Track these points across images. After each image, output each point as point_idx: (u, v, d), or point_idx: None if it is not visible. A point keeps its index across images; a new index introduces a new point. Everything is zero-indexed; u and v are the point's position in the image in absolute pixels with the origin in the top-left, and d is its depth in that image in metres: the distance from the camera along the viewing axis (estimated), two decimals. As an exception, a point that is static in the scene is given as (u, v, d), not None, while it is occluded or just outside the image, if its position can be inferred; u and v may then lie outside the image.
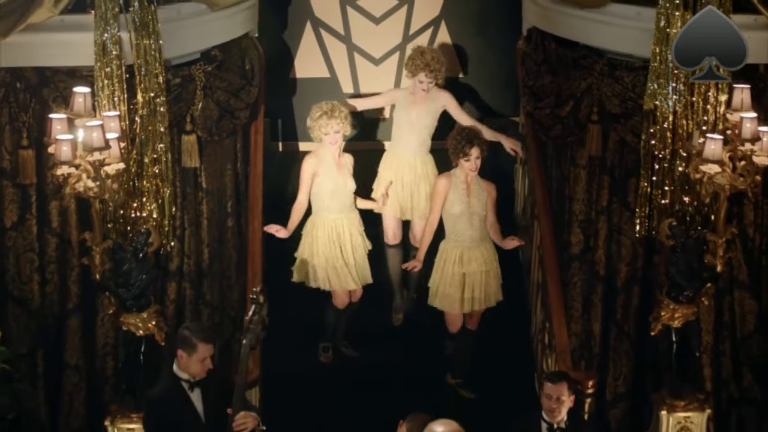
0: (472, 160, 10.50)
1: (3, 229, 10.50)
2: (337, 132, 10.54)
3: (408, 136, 11.24)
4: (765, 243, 10.91)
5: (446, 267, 10.83)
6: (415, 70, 11.11)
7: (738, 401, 11.02)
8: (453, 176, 10.70)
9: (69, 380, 10.68)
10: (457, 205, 10.66)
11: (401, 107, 11.30)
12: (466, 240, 10.77)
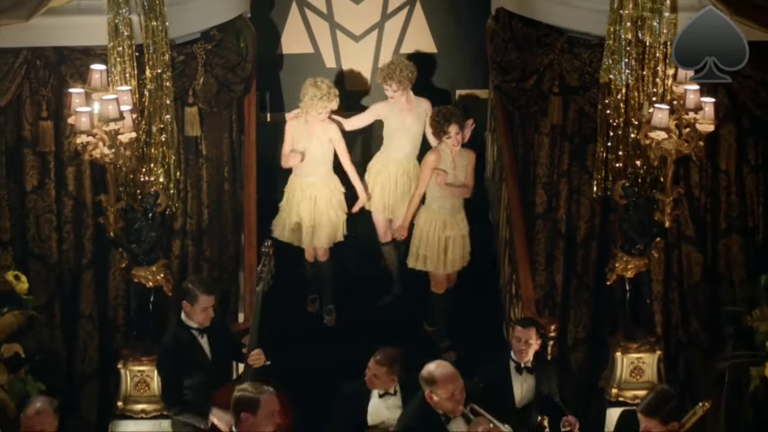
0: (452, 136, 11.02)
1: (24, 192, 11.14)
2: (328, 111, 11.21)
3: (401, 141, 11.74)
4: (709, 202, 11.56)
5: (430, 232, 11.34)
6: (386, 77, 11.59)
7: (685, 345, 11.70)
8: (441, 151, 11.21)
9: (83, 328, 11.34)
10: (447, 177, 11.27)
11: (393, 115, 11.71)
12: (448, 207, 11.33)
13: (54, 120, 10.98)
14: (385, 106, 11.82)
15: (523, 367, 9.68)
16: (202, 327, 9.60)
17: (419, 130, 11.77)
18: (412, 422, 8.65)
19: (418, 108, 11.73)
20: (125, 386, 10.75)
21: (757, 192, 11.63)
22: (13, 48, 10.71)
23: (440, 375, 8.47)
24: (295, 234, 11.54)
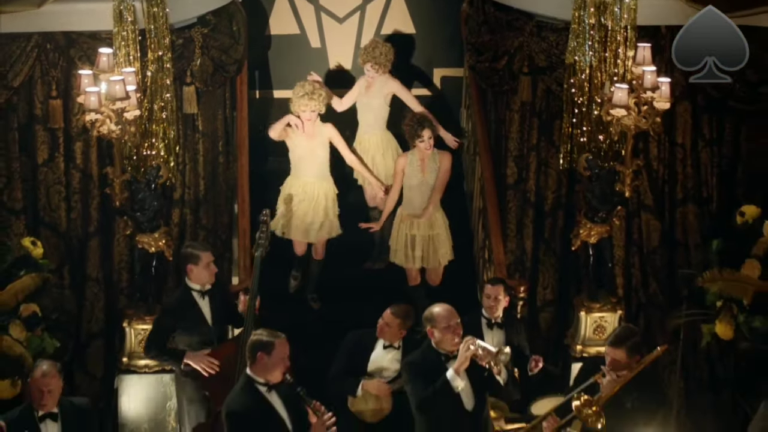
0: (425, 140, 11.36)
1: (35, 165, 11.76)
2: (313, 111, 11.48)
3: (365, 116, 12.27)
4: (667, 173, 12.23)
5: (400, 229, 11.73)
6: (365, 59, 12.03)
7: (645, 305, 12.40)
8: (410, 155, 11.53)
9: (90, 291, 11.97)
10: (413, 178, 11.57)
11: (360, 94, 12.28)
12: (417, 207, 11.68)
13: (63, 99, 11.56)
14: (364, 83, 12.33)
15: (494, 323, 10.24)
16: (205, 289, 10.16)
17: (378, 104, 12.18)
18: (416, 358, 9.26)
19: (380, 86, 12.17)
20: (130, 343, 11.28)
21: (711, 164, 12.27)
22: (25, 33, 11.26)
23: (438, 312, 9.10)
24: (296, 231, 11.92)
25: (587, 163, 11.40)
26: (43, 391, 9.05)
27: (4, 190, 11.85)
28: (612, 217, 11.55)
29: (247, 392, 8.44)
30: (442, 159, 11.56)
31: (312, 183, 11.80)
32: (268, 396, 8.44)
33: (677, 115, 12.12)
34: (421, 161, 11.46)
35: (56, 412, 9.14)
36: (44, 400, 9.05)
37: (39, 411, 9.03)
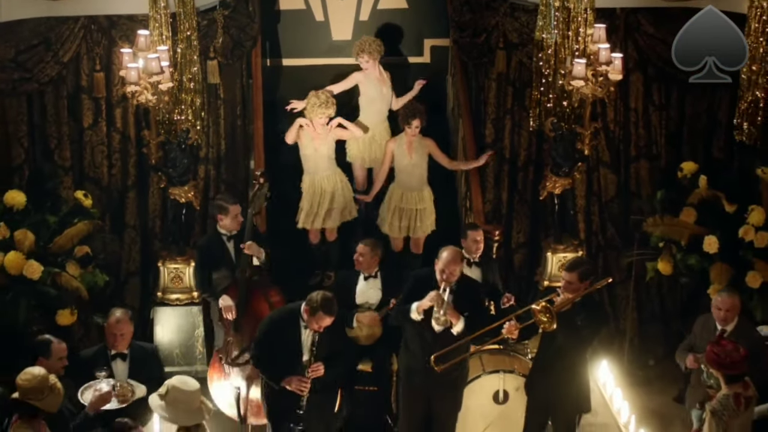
0: (413, 128, 12.22)
1: (81, 129, 12.80)
2: (327, 116, 12.32)
3: (376, 107, 12.98)
4: (622, 134, 13.14)
5: (391, 203, 12.54)
6: (360, 52, 12.77)
7: (603, 246, 13.33)
8: (398, 139, 12.41)
9: (128, 236, 13.03)
10: (402, 160, 12.42)
11: (370, 84, 12.88)
12: (406, 185, 12.49)
13: (105, 72, 12.62)
14: (363, 76, 12.97)
15: (472, 262, 11.31)
16: (231, 234, 11.35)
17: (389, 98, 13.02)
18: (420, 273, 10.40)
19: (388, 81, 13.02)
20: (163, 280, 12.50)
21: (660, 126, 13.17)
22: (74, 16, 12.36)
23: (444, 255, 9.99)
24: (318, 219, 12.68)
25: (552, 125, 12.35)
26: (116, 334, 10.05)
27: (55, 150, 12.78)
28: (574, 171, 12.55)
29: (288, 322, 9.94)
30: (428, 142, 12.45)
31: (327, 177, 12.61)
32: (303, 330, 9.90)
33: (631, 84, 12.91)
34: (408, 145, 12.34)
35: (126, 353, 10.12)
36: (117, 342, 10.05)
37: (112, 351, 10.06)
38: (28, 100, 12.82)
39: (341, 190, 12.72)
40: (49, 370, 9.04)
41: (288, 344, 9.98)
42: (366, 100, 13.01)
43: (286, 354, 9.99)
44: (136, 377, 9.96)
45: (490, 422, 10.89)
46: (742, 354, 9.10)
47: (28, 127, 12.88)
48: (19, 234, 11.86)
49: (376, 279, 11.23)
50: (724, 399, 9.07)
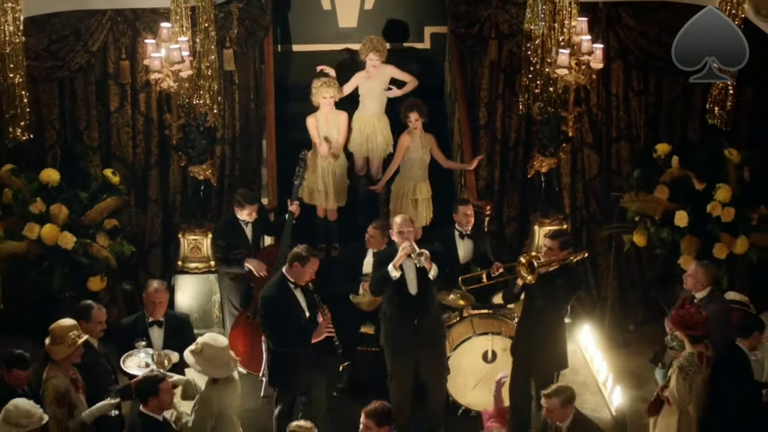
0: (412, 121, 12.72)
1: (108, 112, 13.46)
2: (332, 96, 12.87)
3: (368, 100, 13.41)
4: (604, 117, 13.77)
5: (404, 195, 13.02)
6: (366, 51, 13.23)
7: (586, 220, 13.99)
8: (412, 133, 12.82)
9: (151, 209, 13.70)
10: (415, 153, 12.87)
11: (363, 82, 13.35)
12: (416, 177, 12.96)
13: (130, 61, 13.28)
14: (364, 74, 13.41)
15: (465, 234, 12.05)
16: (248, 221, 12.09)
17: (381, 90, 13.40)
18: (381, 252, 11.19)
19: (381, 75, 13.38)
20: (183, 250, 13.14)
21: (639, 110, 13.82)
22: (102, 9, 13.04)
23: (397, 220, 10.94)
24: (318, 198, 13.21)
25: (539, 109, 12.96)
26: (154, 303, 10.61)
27: (85, 132, 13.45)
28: (559, 151, 13.18)
29: (279, 285, 10.51)
30: (430, 138, 13.00)
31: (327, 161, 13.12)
32: (294, 291, 10.48)
33: (612, 72, 13.57)
34: (421, 139, 12.88)
35: (162, 321, 10.68)
36: (155, 310, 10.62)
37: (149, 318, 10.66)
38: (59, 86, 13.42)
39: (338, 176, 13.25)
40: (89, 334, 9.93)
41: (290, 310, 10.61)
42: (364, 93, 13.50)
43: (293, 320, 10.57)
44: (171, 343, 10.51)
45: (480, 379, 11.60)
46: (703, 317, 9.84)
47: (60, 111, 13.48)
48: (54, 208, 12.50)
49: None
50: (690, 356, 9.80)
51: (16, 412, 8.92)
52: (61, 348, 9.53)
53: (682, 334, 9.98)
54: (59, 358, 9.55)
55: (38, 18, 12.83)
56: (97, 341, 10.26)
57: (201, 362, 9.50)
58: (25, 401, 9.04)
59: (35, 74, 13.00)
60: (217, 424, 9.53)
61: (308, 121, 13.10)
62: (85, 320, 10.12)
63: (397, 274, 10.73)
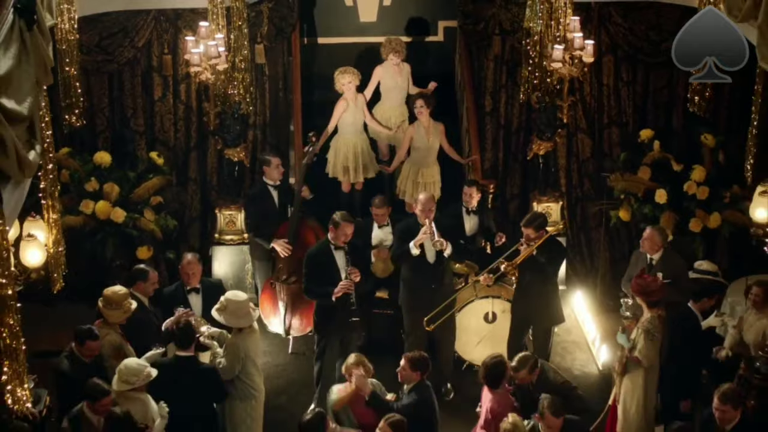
0: (418, 108, 13.48)
1: (153, 101, 14.24)
2: (351, 83, 13.69)
3: (391, 92, 14.18)
4: (596, 105, 14.54)
5: (408, 178, 13.87)
6: (387, 52, 14.02)
7: (580, 198, 14.81)
8: (417, 125, 13.56)
9: (191, 188, 14.51)
10: (419, 141, 13.64)
11: (389, 76, 14.06)
12: (423, 164, 13.75)
13: (172, 55, 14.02)
14: (382, 70, 14.18)
15: (470, 210, 12.90)
16: (276, 184, 12.87)
17: (406, 85, 14.21)
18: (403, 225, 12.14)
19: (404, 72, 14.20)
20: (220, 224, 14.00)
21: (627, 99, 14.60)
22: (146, 9, 13.80)
23: (420, 198, 11.95)
24: (344, 172, 13.99)
25: (537, 98, 13.79)
26: (188, 273, 11.63)
27: (131, 118, 14.28)
28: (555, 136, 14.01)
29: (321, 245, 11.73)
30: (440, 127, 13.67)
31: (350, 138, 14.02)
32: (334, 252, 11.69)
33: (603, 64, 14.36)
34: (426, 129, 13.59)
35: (198, 287, 11.68)
36: (190, 279, 11.63)
37: (187, 286, 11.65)
38: (109, 78, 14.26)
39: (362, 152, 14.10)
40: (143, 293, 11.21)
41: (327, 269, 11.78)
42: (385, 88, 14.32)
43: (328, 277, 11.72)
44: (209, 306, 11.22)
45: (483, 337, 12.66)
46: (658, 284, 10.92)
47: (109, 100, 14.32)
48: (107, 186, 13.53)
49: (387, 227, 12.89)
50: (652, 319, 10.82)
51: (126, 371, 9.96)
52: (117, 313, 10.76)
53: (641, 300, 10.93)
54: (113, 321, 10.75)
55: (90, 17, 13.46)
56: (147, 300, 11.41)
57: (226, 316, 10.74)
58: (134, 360, 10.13)
59: (88, 67, 13.73)
60: (243, 366, 10.77)
61: (338, 104, 13.89)
62: (142, 281, 11.32)
63: (417, 251, 11.86)
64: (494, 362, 10.47)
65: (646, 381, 10.98)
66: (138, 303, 11.09)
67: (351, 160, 14.11)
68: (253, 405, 11.00)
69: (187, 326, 10.58)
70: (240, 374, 10.83)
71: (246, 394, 10.92)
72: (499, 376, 10.42)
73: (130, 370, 9.95)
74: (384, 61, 14.35)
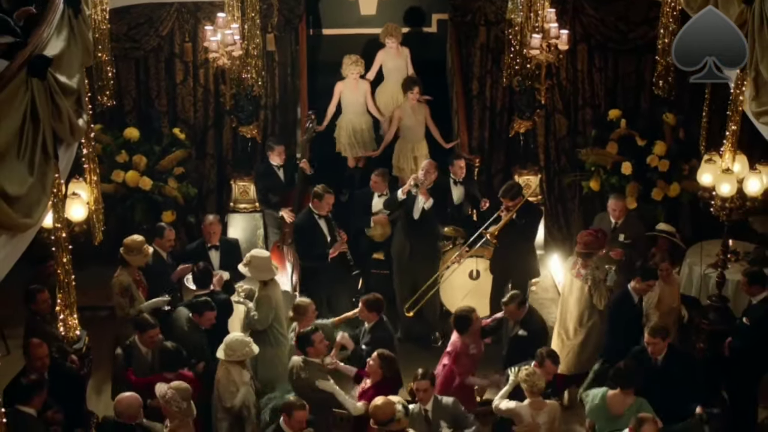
0: (414, 93, 14.49)
1: (174, 84, 15.18)
2: (359, 73, 14.78)
3: (392, 74, 15.16)
4: (571, 88, 15.53)
5: (403, 153, 14.84)
6: (384, 36, 15.00)
7: (557, 171, 15.83)
8: (404, 105, 14.59)
9: (208, 162, 15.54)
10: (408, 121, 14.66)
11: (390, 59, 15.09)
12: (415, 139, 14.80)
13: (192, 43, 14.98)
14: (384, 54, 15.17)
15: (457, 182, 14.02)
16: (279, 165, 13.96)
17: (404, 66, 15.22)
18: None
19: (403, 54, 15.21)
20: (234, 193, 14.98)
21: (600, 82, 15.58)
22: (170, 1, 14.73)
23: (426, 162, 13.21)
24: (348, 147, 15.01)
25: (518, 82, 14.80)
26: (210, 232, 12.70)
27: (155, 99, 15.22)
28: (534, 116, 15.03)
29: (306, 215, 12.80)
30: (425, 109, 14.76)
31: (352, 118, 15.04)
32: (318, 221, 12.80)
33: (578, 52, 15.33)
34: (412, 109, 14.63)
35: (218, 245, 12.72)
36: (211, 238, 12.67)
37: (208, 244, 12.71)
38: (136, 63, 15.23)
39: (362, 131, 15.15)
40: (161, 248, 12.40)
41: (314, 235, 12.95)
42: (387, 70, 15.35)
43: (316, 242, 12.88)
44: (226, 261, 12.48)
45: (468, 292, 13.73)
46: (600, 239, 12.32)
47: (136, 83, 15.26)
48: (135, 158, 14.55)
49: (386, 195, 13.85)
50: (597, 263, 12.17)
51: (230, 343, 10.67)
52: (138, 257, 11.98)
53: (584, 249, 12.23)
54: (135, 264, 11.94)
55: (120, 9, 14.24)
56: (166, 254, 12.60)
57: (252, 270, 11.94)
58: (240, 335, 10.90)
59: (117, 54, 14.37)
60: (275, 315, 11.93)
61: (336, 86, 14.94)
62: (159, 237, 12.53)
63: (404, 197, 12.96)
64: (463, 312, 11.67)
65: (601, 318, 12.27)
66: (157, 256, 12.30)
67: (352, 138, 15.13)
68: (283, 351, 11.97)
69: (206, 270, 11.83)
70: (273, 322, 11.89)
71: (278, 341, 12.00)
72: (465, 323, 11.55)
73: (233, 343, 10.69)
74: (384, 47, 15.32)
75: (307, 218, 13.05)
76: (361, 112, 15.21)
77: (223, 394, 10.55)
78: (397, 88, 15.26)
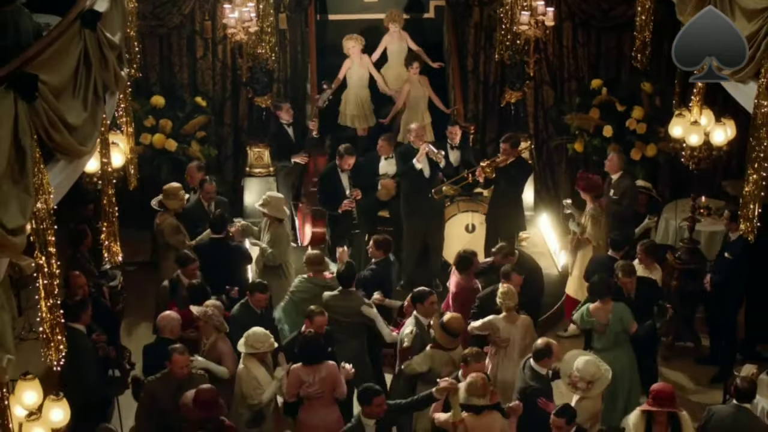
0: (414, 68, 15.55)
1: (195, 59, 16.11)
2: (354, 47, 15.80)
3: (398, 55, 16.23)
4: (557, 62, 16.40)
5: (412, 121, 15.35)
6: (388, 21, 16.13)
7: (546, 138, 16.77)
8: (410, 79, 15.62)
9: (226, 130, 16.48)
10: (415, 91, 15.66)
11: (393, 42, 16.18)
12: (422, 108, 15.76)
13: (212, 21, 15.90)
14: (388, 37, 16.24)
15: (454, 146, 14.85)
16: (288, 123, 15.01)
17: (405, 48, 16.28)
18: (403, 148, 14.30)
19: (404, 37, 16.27)
20: (250, 158, 15.96)
21: (584, 57, 16.46)
22: None
23: (413, 127, 14.16)
24: (352, 119, 16.07)
25: (509, 57, 15.71)
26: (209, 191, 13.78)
27: (178, 73, 16.17)
28: (524, 87, 15.97)
29: (330, 168, 13.93)
30: (425, 80, 15.79)
31: (357, 91, 16.09)
32: (341, 175, 13.86)
33: (563, 29, 16.17)
34: (418, 80, 15.68)
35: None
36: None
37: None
38: (160, 39, 16.15)
39: (363, 103, 16.24)
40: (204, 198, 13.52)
41: (335, 187, 13.99)
42: (390, 52, 16.44)
43: (336, 193, 13.91)
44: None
45: (464, 244, 14.39)
46: (599, 182, 13.30)
47: (160, 58, 16.21)
48: (161, 122, 15.54)
49: (391, 159, 14.85)
50: (596, 207, 13.25)
51: (252, 337, 10.54)
52: (175, 202, 13.08)
53: (586, 194, 13.27)
54: (172, 208, 13.00)
55: None
56: (207, 204, 13.66)
57: (270, 209, 13.03)
58: (261, 329, 10.66)
59: (143, 31, 14.85)
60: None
61: (345, 62, 16.00)
62: (201, 190, 13.66)
63: (420, 166, 14.01)
64: (466, 254, 12.61)
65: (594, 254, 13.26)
66: (200, 204, 13.47)
67: (355, 109, 16.20)
68: (290, 281, 12.91)
69: (221, 216, 12.86)
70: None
71: (287, 273, 13.15)
72: (467, 263, 12.46)
73: (256, 337, 10.56)
74: (388, 31, 16.40)
75: (332, 170, 14.17)
76: (363, 86, 16.15)
77: (247, 392, 10.51)
78: (401, 67, 16.22)
